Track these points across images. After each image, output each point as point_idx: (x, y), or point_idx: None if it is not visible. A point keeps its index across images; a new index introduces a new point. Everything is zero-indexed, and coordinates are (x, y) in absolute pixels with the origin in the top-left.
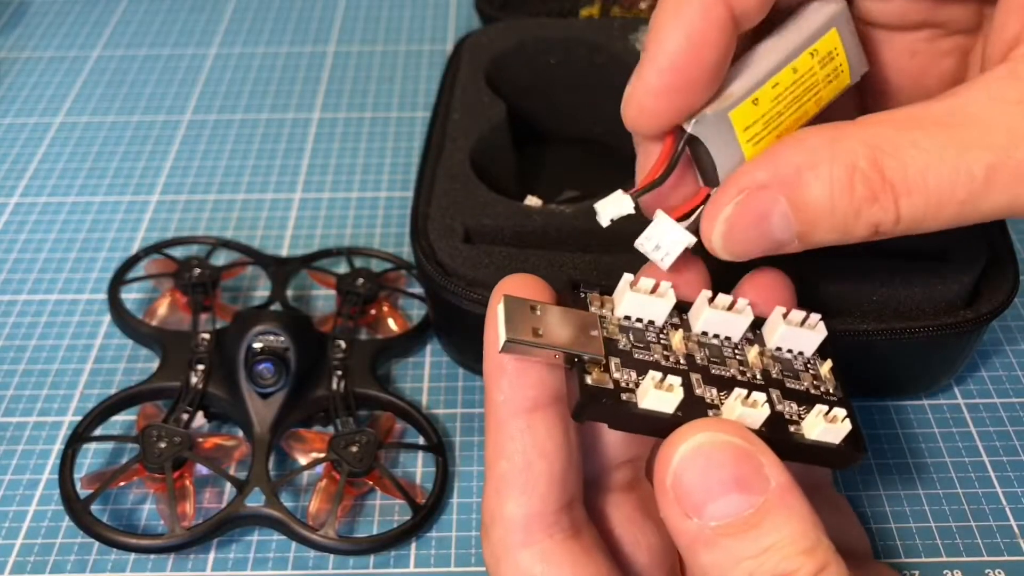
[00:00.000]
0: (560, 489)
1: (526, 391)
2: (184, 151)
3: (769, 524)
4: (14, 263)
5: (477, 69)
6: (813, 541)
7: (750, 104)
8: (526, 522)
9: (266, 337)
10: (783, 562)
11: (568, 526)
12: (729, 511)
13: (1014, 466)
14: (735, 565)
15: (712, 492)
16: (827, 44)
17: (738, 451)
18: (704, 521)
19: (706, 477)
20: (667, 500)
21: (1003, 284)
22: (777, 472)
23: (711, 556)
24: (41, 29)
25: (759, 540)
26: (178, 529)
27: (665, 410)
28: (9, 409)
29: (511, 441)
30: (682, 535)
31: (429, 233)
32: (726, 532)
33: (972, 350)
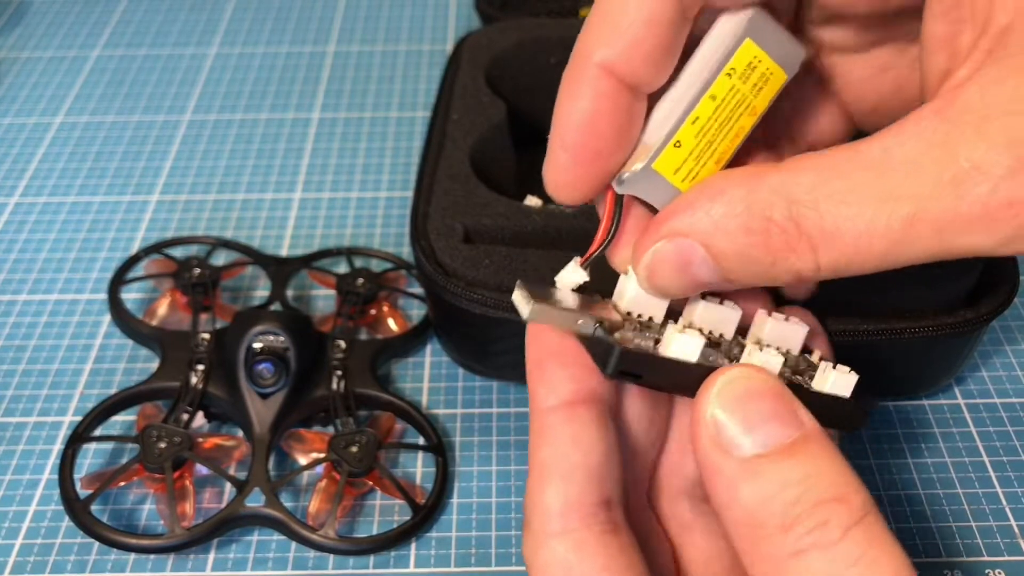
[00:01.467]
0: (598, 483)
1: (566, 384)
2: (184, 151)
3: (810, 455)
4: (14, 263)
5: (477, 69)
6: (854, 480)
7: (672, 149)
8: (564, 510)
9: (266, 337)
10: (833, 487)
11: (605, 521)
12: (771, 438)
13: (1014, 466)
14: (780, 491)
15: (751, 422)
16: (743, 58)
17: (775, 389)
18: (746, 451)
19: (746, 408)
20: (706, 438)
21: (1003, 284)
22: (810, 419)
23: (753, 487)
24: (41, 29)
25: (804, 465)
26: (178, 529)
27: (691, 356)
28: (9, 409)
29: (551, 432)
30: (720, 474)
31: (429, 233)
32: (769, 459)
33: (973, 350)
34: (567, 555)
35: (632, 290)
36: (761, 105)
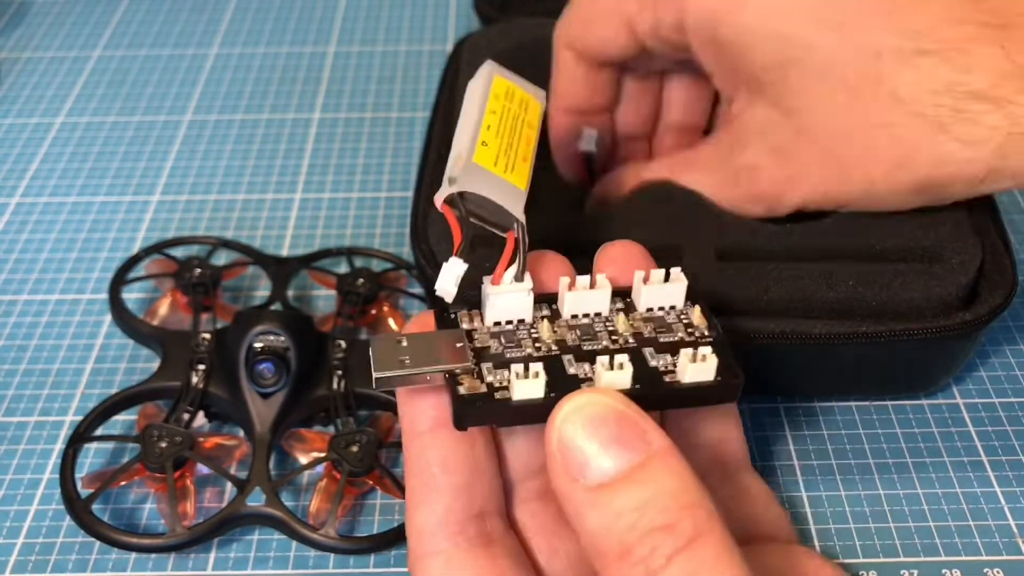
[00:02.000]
0: (465, 500)
1: (428, 412)
2: (184, 151)
3: (649, 479)
4: (15, 263)
5: (476, 69)
6: (695, 498)
7: (481, 147)
8: (432, 531)
9: (266, 337)
10: (661, 515)
11: (476, 535)
12: (610, 467)
13: (1013, 466)
14: (616, 520)
15: (595, 449)
16: (499, 87)
17: (618, 413)
18: (588, 480)
19: (587, 435)
20: (556, 467)
21: (1001, 286)
22: (658, 436)
23: (596, 515)
24: (42, 29)
25: (639, 493)
26: (179, 529)
27: (536, 395)
28: (10, 409)
29: (417, 458)
30: (570, 502)
31: (429, 235)
32: (607, 488)
33: (971, 352)
34: (439, 573)
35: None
36: (534, 120)
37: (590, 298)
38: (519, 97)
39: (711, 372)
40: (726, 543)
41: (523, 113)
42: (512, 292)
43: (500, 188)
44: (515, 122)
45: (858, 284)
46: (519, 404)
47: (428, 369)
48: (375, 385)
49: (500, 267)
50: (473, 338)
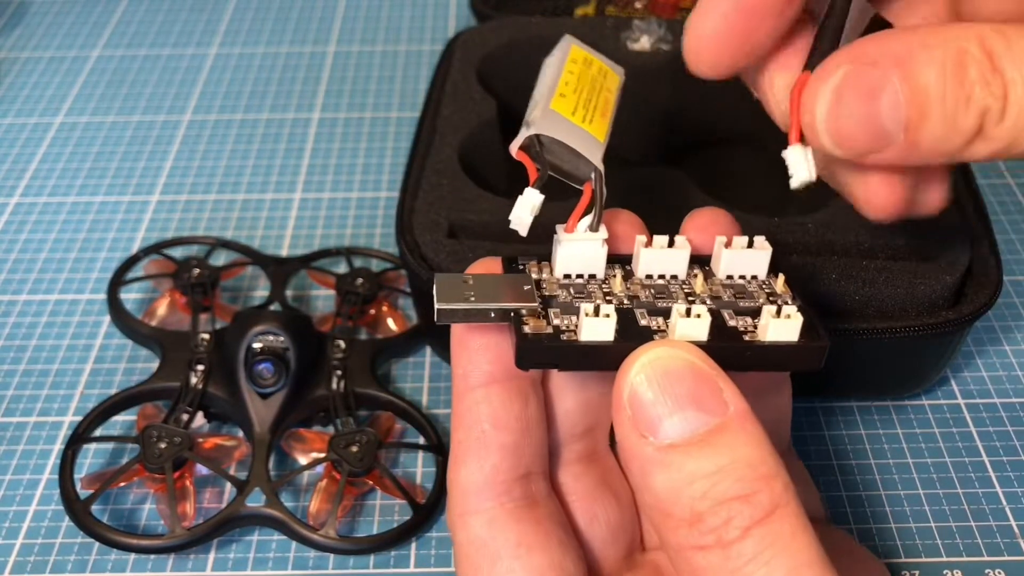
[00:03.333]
0: (513, 460)
1: (483, 366)
2: (184, 151)
3: (726, 444)
4: (14, 263)
5: (469, 66)
6: (772, 469)
7: (559, 97)
8: (477, 489)
9: (266, 337)
10: (739, 484)
11: (521, 496)
12: (685, 428)
13: (1014, 466)
14: (688, 484)
15: (669, 407)
16: (577, 54)
17: (696, 370)
18: (659, 439)
19: (663, 391)
20: (624, 420)
21: (986, 286)
22: (736, 399)
23: (665, 476)
24: (41, 29)
25: (715, 458)
26: (178, 529)
27: (606, 338)
28: (9, 409)
29: (468, 412)
30: (636, 459)
31: (414, 228)
32: (681, 449)
33: (956, 351)
34: (482, 533)
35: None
36: (612, 87)
37: (667, 257)
38: (597, 65)
39: (795, 332)
40: (802, 519)
41: (602, 79)
42: (585, 241)
43: (578, 136)
44: (593, 84)
45: (841, 279)
46: (586, 346)
47: (493, 305)
48: (436, 318)
49: (575, 215)
50: (541, 287)
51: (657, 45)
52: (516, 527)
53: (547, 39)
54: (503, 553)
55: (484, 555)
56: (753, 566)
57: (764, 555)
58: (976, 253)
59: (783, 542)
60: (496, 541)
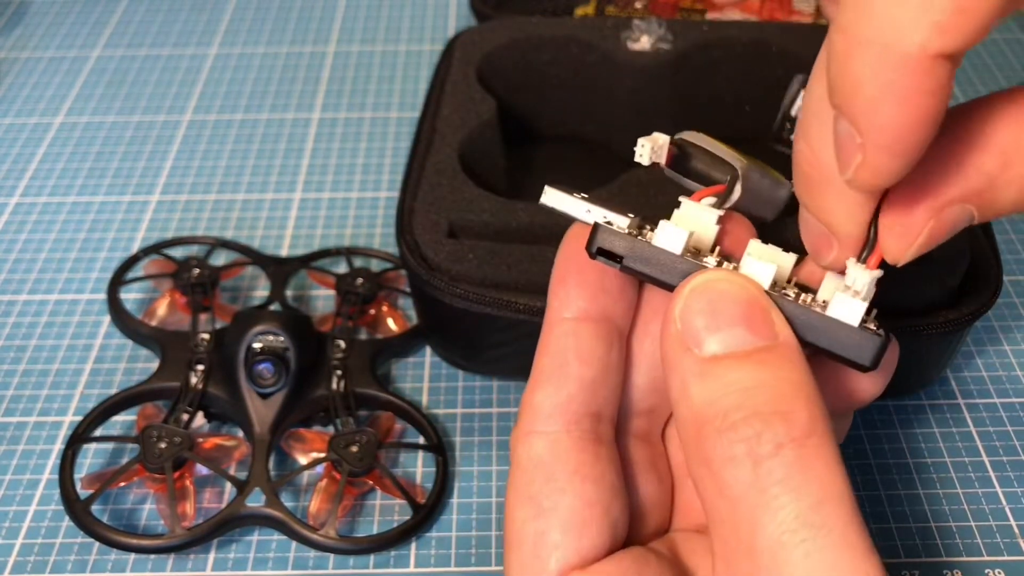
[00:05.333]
0: (589, 395)
1: (579, 302)
2: (184, 151)
3: (770, 363)
4: (14, 263)
5: (468, 66)
6: (812, 394)
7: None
8: (549, 412)
9: (266, 337)
10: (777, 400)
11: (588, 430)
12: (731, 342)
13: (1014, 466)
14: (725, 393)
15: (718, 322)
16: None
17: (751, 297)
18: (703, 351)
19: (715, 308)
20: (672, 333)
21: (985, 286)
22: (785, 330)
23: (702, 386)
24: (41, 29)
25: (756, 373)
26: (178, 529)
27: (675, 248)
28: (9, 409)
29: (556, 341)
30: (678, 370)
31: (414, 228)
32: (723, 361)
33: (956, 351)
34: (543, 453)
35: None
36: None
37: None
38: None
39: (856, 316)
40: (835, 451)
41: None
42: (704, 210)
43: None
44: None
45: None
46: (655, 250)
47: (593, 205)
48: (542, 198)
49: (705, 191)
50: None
51: (657, 45)
52: (577, 455)
53: (547, 39)
54: (558, 475)
55: (539, 472)
56: (780, 488)
57: (793, 479)
58: (976, 253)
59: (814, 471)
60: (555, 463)
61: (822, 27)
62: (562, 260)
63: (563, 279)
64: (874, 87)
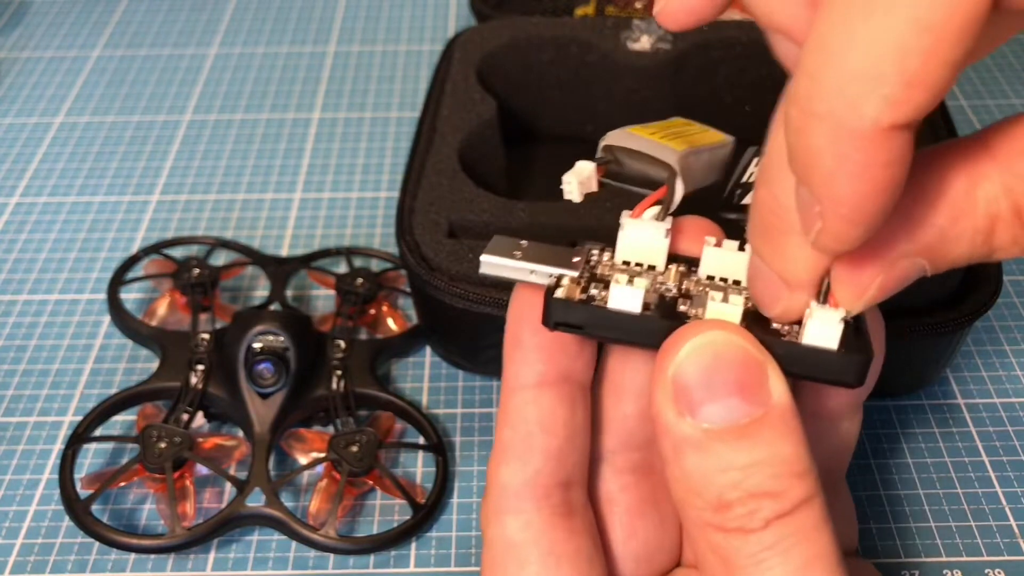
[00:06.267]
0: (557, 465)
1: (536, 366)
2: (184, 151)
3: (765, 438)
4: (14, 263)
5: (468, 66)
6: (805, 467)
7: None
8: (518, 490)
9: (266, 337)
10: (771, 480)
11: (560, 503)
12: (726, 416)
13: (1014, 466)
14: (721, 472)
15: (713, 392)
16: None
17: (748, 356)
18: (698, 421)
19: (710, 375)
20: (663, 395)
21: (985, 285)
22: (781, 388)
23: (698, 460)
24: (41, 29)
25: (751, 452)
26: (178, 529)
27: (633, 308)
28: (9, 409)
29: (516, 411)
30: (671, 435)
31: (414, 228)
32: (719, 436)
33: (956, 351)
34: (514, 534)
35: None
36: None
37: (732, 260)
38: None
39: (835, 338)
40: (824, 515)
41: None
42: (649, 226)
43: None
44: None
45: None
46: (613, 313)
47: (534, 265)
48: (480, 268)
49: (644, 202)
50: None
51: (657, 45)
52: (550, 534)
53: (547, 39)
54: (532, 559)
55: (513, 557)
56: (769, 553)
57: (782, 544)
58: None
59: (802, 534)
60: (528, 546)
61: None
62: (513, 322)
63: (517, 343)
64: (830, 160)
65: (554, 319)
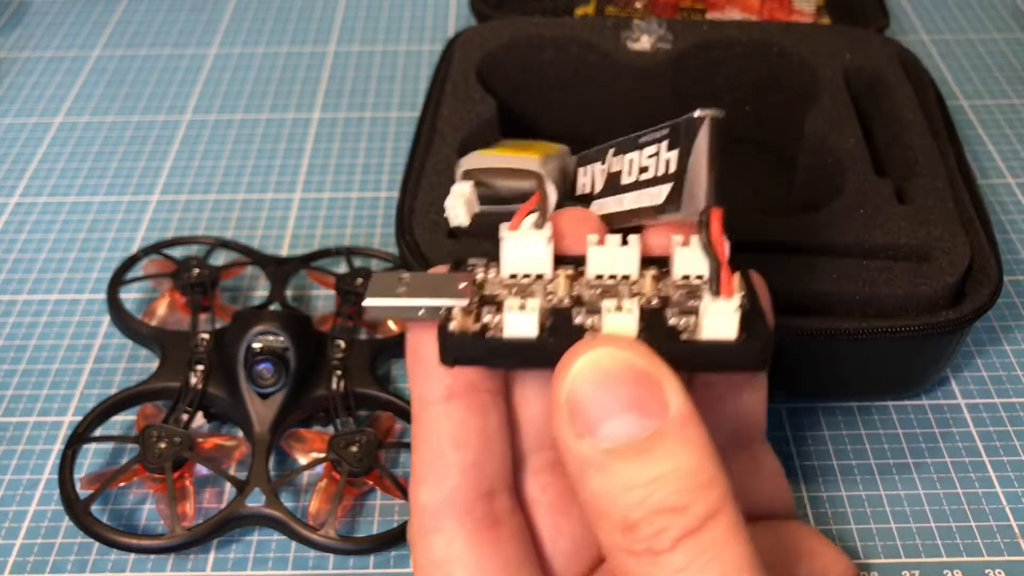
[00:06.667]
0: (475, 478)
1: (442, 379)
2: (184, 151)
3: (664, 452)
4: (14, 263)
5: (468, 66)
6: (709, 477)
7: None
8: (437, 509)
9: (266, 337)
10: (674, 495)
11: (483, 515)
12: (623, 433)
13: (1014, 466)
14: (625, 492)
15: (607, 410)
16: None
17: (638, 371)
18: (596, 442)
19: (602, 394)
20: (561, 419)
21: (985, 286)
22: (678, 399)
23: (601, 481)
24: (41, 29)
25: (651, 467)
26: (178, 529)
27: (528, 334)
28: (9, 409)
29: (427, 429)
30: (573, 459)
31: (414, 228)
32: (618, 455)
33: (956, 351)
34: (440, 554)
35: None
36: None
37: (617, 256)
38: None
39: (733, 329)
40: (736, 524)
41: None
42: (529, 237)
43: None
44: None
45: (841, 279)
46: (510, 342)
47: (421, 301)
48: (364, 314)
49: (519, 213)
50: (484, 287)
51: (657, 45)
52: (476, 549)
53: (547, 39)
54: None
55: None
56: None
57: (694, 566)
58: (976, 253)
59: (714, 551)
60: (454, 563)
61: (822, 27)
62: (413, 342)
63: (419, 360)
64: None
65: (452, 357)
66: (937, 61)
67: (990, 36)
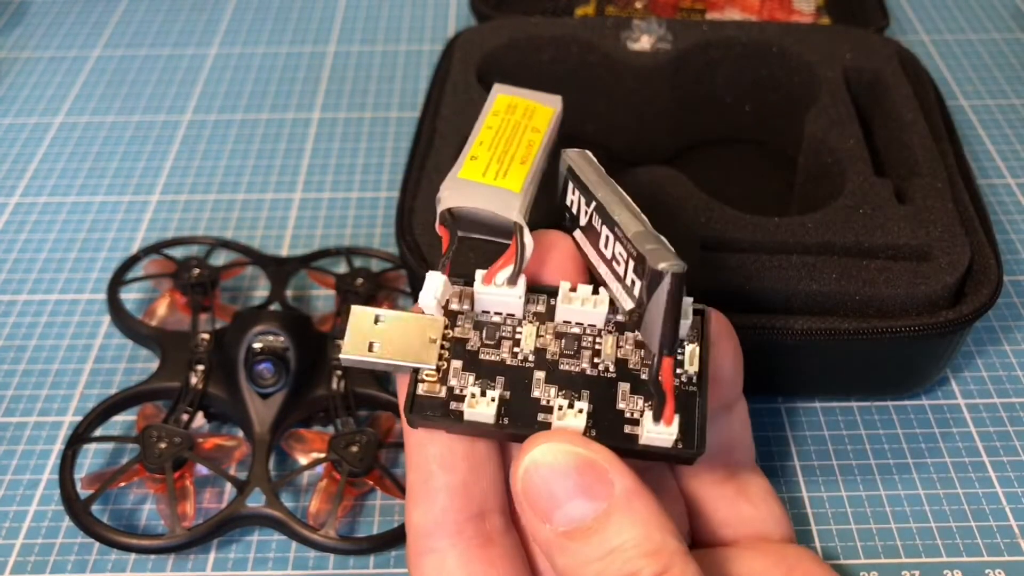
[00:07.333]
0: (463, 500)
1: None
2: (184, 151)
3: (613, 528)
4: (14, 263)
5: (469, 66)
6: (658, 544)
7: (470, 162)
8: (428, 531)
9: (266, 337)
10: (626, 564)
11: (475, 535)
12: (574, 516)
13: (1014, 466)
14: (584, 567)
15: (557, 500)
16: (501, 103)
17: (581, 460)
18: (554, 526)
19: (551, 486)
20: (522, 508)
21: (985, 286)
22: (622, 477)
23: (564, 559)
24: (41, 29)
25: (603, 544)
26: (178, 529)
27: (487, 420)
28: (9, 409)
29: (415, 453)
30: (539, 540)
31: (414, 228)
32: (572, 537)
33: (956, 351)
34: (433, 572)
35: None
36: (542, 124)
37: (585, 312)
38: (523, 107)
39: (669, 439)
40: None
41: (526, 120)
42: (500, 295)
43: (489, 196)
44: (516, 129)
45: (841, 278)
46: (471, 423)
47: (392, 363)
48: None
49: (493, 267)
50: (456, 322)
51: (657, 45)
52: (468, 568)
53: (547, 39)
54: None
55: None
56: None
57: None
58: (976, 253)
59: None
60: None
61: (822, 27)
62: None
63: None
64: None
65: (416, 422)
66: (937, 61)
67: (990, 36)
